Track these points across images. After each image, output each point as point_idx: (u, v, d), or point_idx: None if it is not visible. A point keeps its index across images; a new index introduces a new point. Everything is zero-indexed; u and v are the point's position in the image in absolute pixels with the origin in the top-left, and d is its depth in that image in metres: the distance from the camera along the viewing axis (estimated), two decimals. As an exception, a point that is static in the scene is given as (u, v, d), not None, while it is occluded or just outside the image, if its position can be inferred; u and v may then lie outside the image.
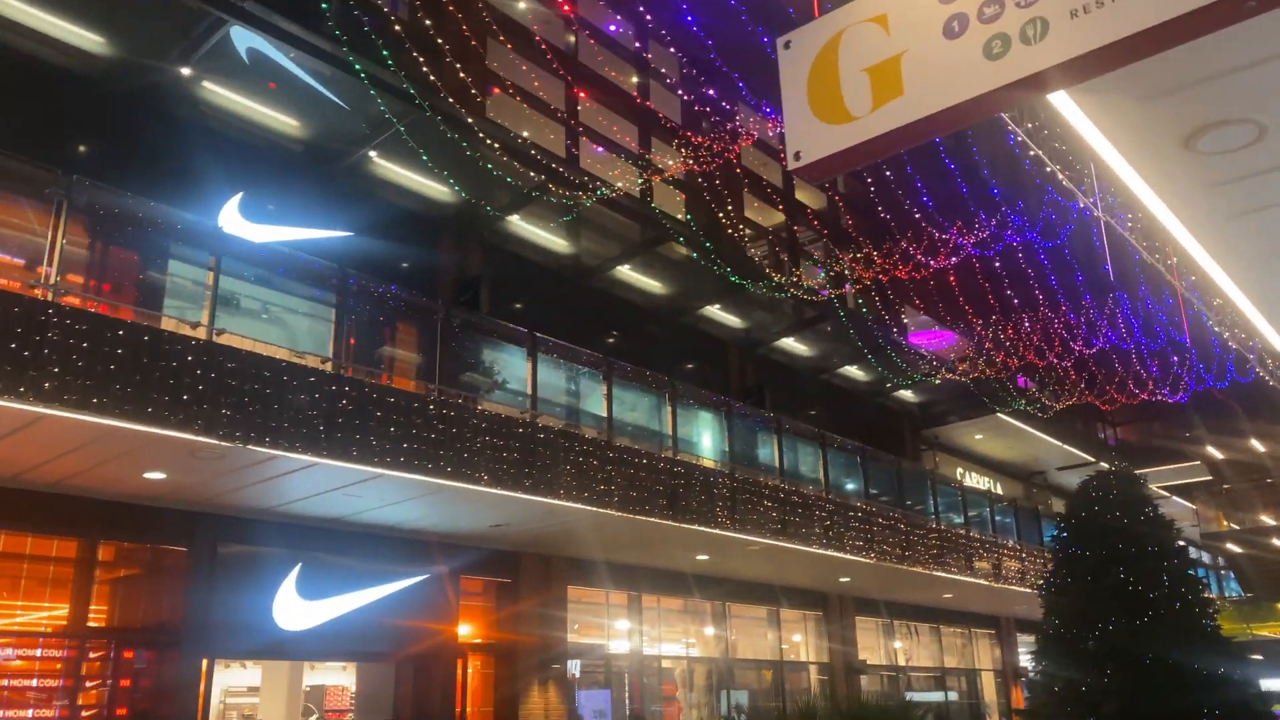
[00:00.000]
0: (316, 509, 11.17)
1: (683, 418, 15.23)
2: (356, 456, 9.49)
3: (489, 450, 10.65)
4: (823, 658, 19.79)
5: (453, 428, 10.35)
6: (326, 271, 10.57)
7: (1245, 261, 5.29)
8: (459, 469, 10.29)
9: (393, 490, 10.44)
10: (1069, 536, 15.36)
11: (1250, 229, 4.83)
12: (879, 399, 28.05)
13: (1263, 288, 5.78)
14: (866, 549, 16.31)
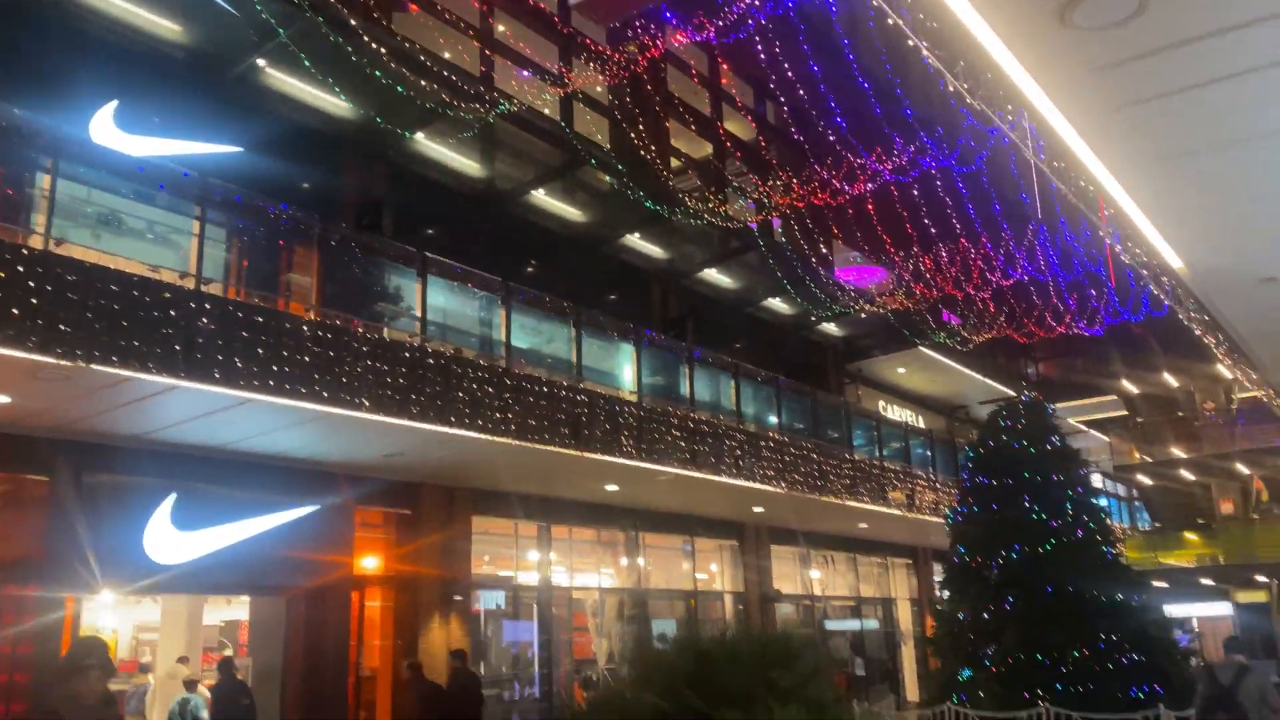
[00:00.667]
0: (192, 436, 10.54)
1: (600, 349, 14.81)
2: (221, 380, 8.88)
3: (372, 376, 10.10)
4: (738, 587, 19.79)
5: (330, 351, 9.77)
6: (189, 184, 9.79)
7: (1132, 162, 4.96)
8: (338, 395, 9.74)
9: (268, 417, 9.86)
10: (976, 466, 15.39)
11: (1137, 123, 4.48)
12: (803, 333, 27.90)
13: (1151, 193, 5.47)
14: (778, 479, 16.16)
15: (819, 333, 28.52)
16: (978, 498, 14.67)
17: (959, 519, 14.81)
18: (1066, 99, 4.31)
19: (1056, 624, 13.34)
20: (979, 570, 14.23)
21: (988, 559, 14.14)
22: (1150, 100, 4.29)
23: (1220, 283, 6.77)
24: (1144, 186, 5.34)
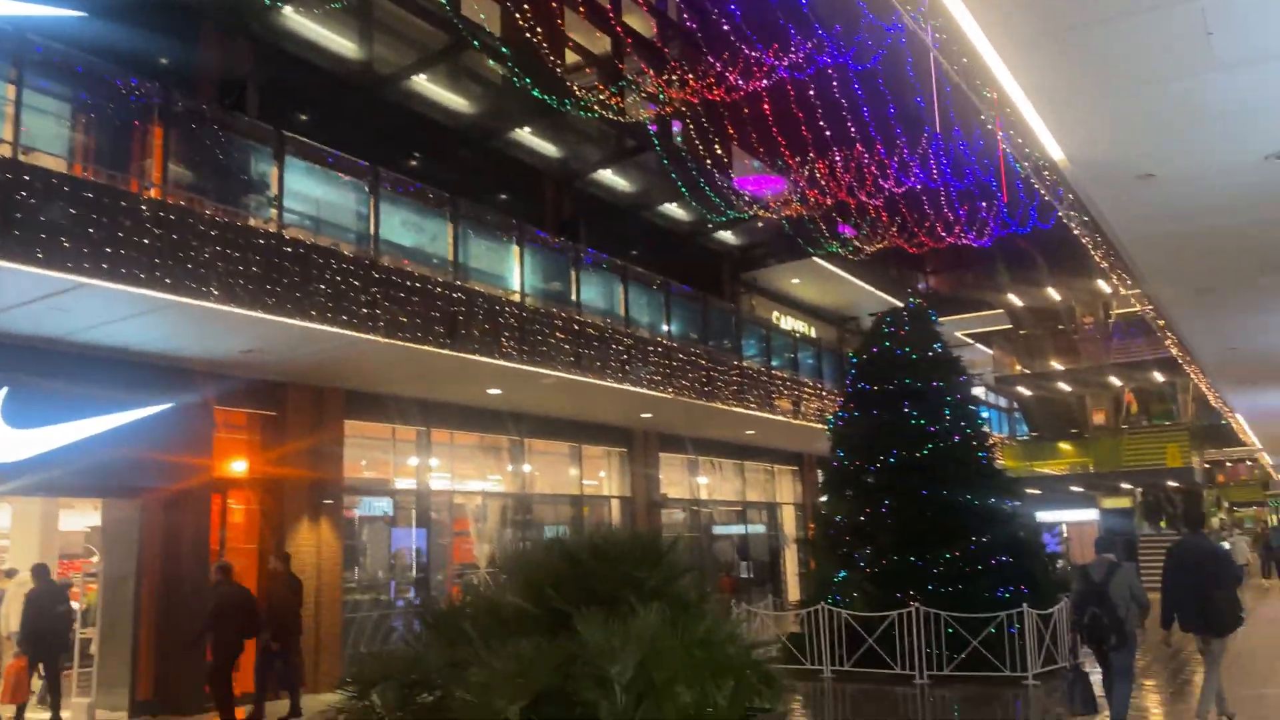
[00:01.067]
0: (22, 325, 9.65)
1: (489, 251, 14.16)
2: (45, 260, 8.04)
3: (222, 263, 9.33)
4: (625, 492, 19.75)
5: (174, 234, 8.96)
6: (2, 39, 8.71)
7: (1017, 37, 4.64)
8: (183, 282, 8.97)
9: (106, 304, 9.05)
10: (859, 373, 15.45)
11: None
12: (699, 240, 27.59)
13: (1035, 72, 5.19)
14: (665, 384, 15.96)
15: (715, 241, 28.26)
16: (859, 403, 14.74)
17: (840, 424, 14.89)
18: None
19: (930, 527, 13.62)
20: (857, 474, 14.38)
21: (867, 463, 14.29)
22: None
23: (1099, 177, 6.60)
24: (1028, 65, 5.06)
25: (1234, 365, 14.82)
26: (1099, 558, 9.10)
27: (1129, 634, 8.67)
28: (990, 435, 15.07)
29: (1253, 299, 10.40)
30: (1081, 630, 8.82)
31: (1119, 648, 8.65)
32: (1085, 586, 8.90)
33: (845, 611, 13.16)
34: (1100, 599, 8.66)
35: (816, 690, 12.34)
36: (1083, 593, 8.89)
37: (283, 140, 10.69)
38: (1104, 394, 30.50)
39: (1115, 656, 8.73)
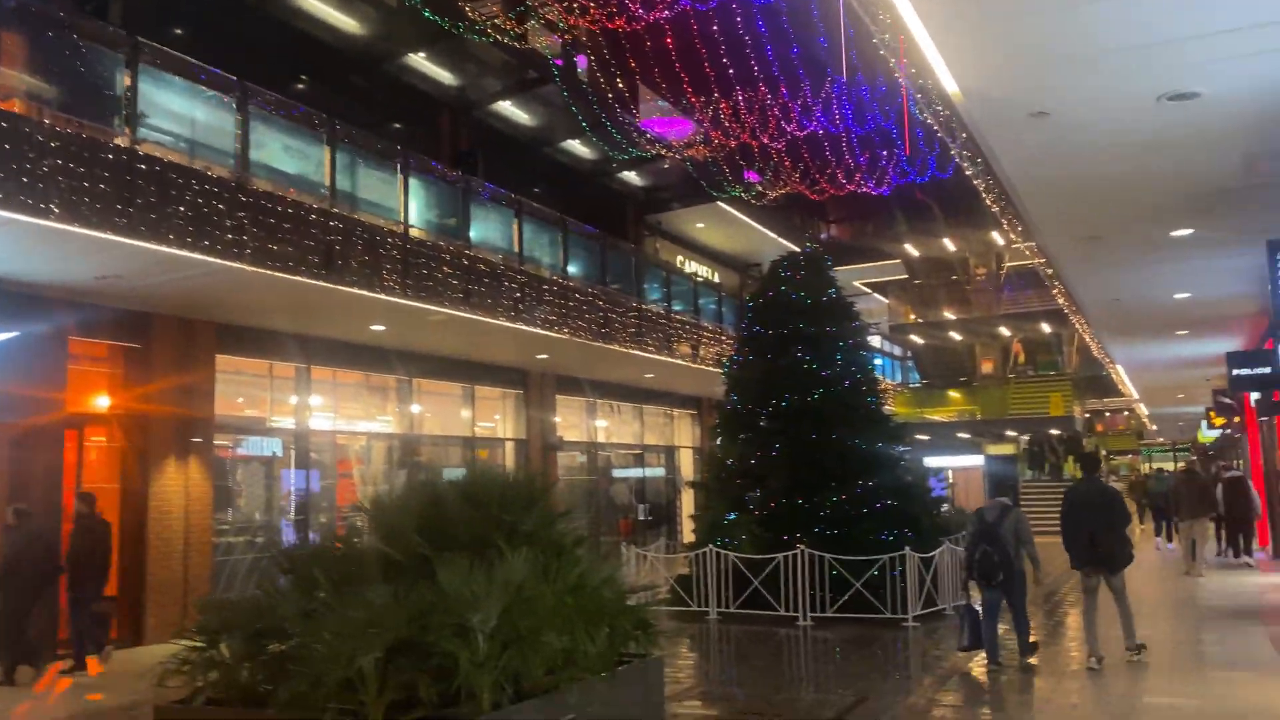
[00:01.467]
0: None
1: (381, 182, 13.41)
2: None
3: (65, 178, 8.52)
4: (520, 435, 19.40)
5: (6, 143, 8.11)
6: None
7: (941, 12, 4.35)
8: (17, 197, 8.15)
9: (-71, 220, 8.18)
10: (754, 316, 15.32)
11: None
12: (603, 180, 27.10)
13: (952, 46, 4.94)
14: (561, 324, 15.57)
15: (620, 182, 27.79)
16: (754, 347, 14.64)
17: (735, 368, 14.77)
18: None
19: (819, 471, 13.66)
20: (750, 418, 14.32)
21: (759, 407, 14.22)
22: None
23: (991, 113, 6.42)
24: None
25: (1117, 316, 15.17)
26: (993, 500, 9.78)
27: (1017, 571, 9.36)
28: (880, 381, 15.17)
29: (1138, 250, 10.52)
30: (973, 567, 9.47)
31: (1007, 584, 9.32)
32: (979, 527, 9.54)
33: (732, 554, 13.15)
34: (992, 538, 9.33)
35: (701, 632, 12.33)
36: (976, 533, 9.54)
37: (137, 48, 9.80)
38: (993, 344, 31.33)
39: (1008, 594, 9.43)
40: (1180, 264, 11.49)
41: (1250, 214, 9.17)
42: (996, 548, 9.33)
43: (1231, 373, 14.96)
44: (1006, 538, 9.35)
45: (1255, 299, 13.72)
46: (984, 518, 9.62)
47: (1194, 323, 15.88)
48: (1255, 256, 11.00)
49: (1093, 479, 10.20)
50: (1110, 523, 9.44)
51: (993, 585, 9.45)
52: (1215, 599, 13.69)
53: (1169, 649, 10.02)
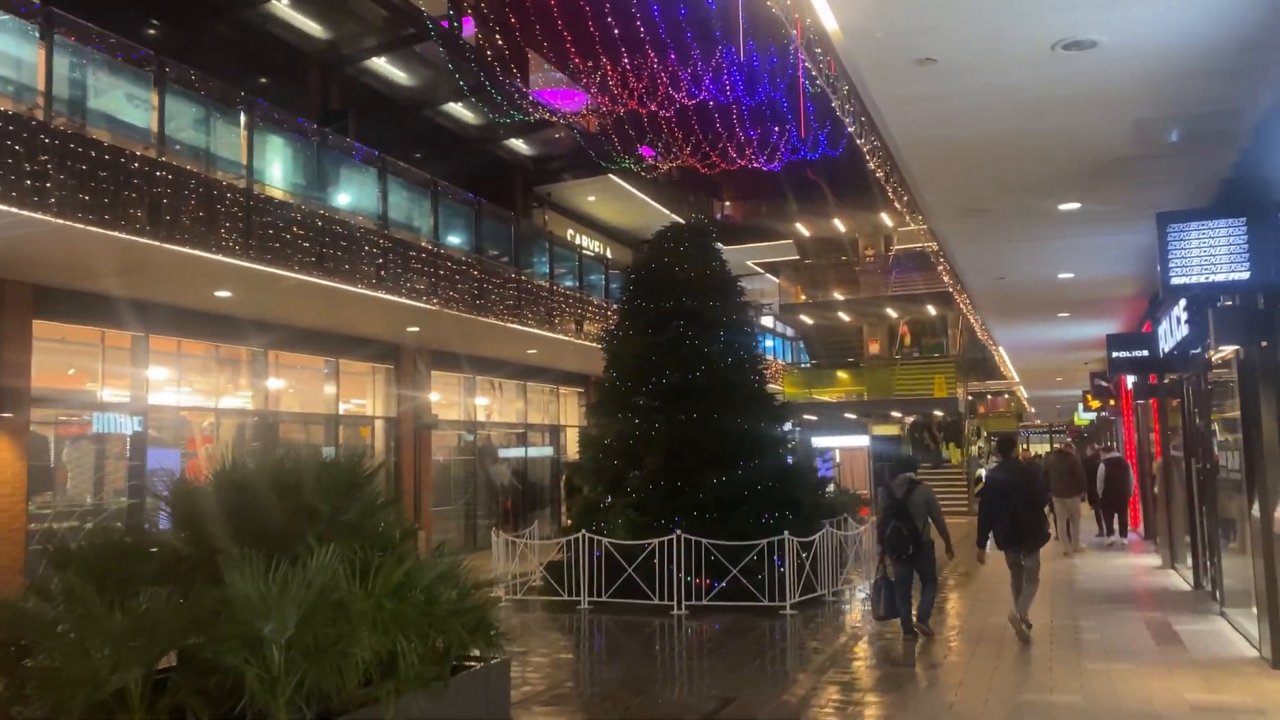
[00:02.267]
0: None
1: (210, 126, 12.11)
2: None
3: None
4: (390, 413, 18.29)
5: None
6: None
7: None
8: None
9: None
10: (636, 289, 14.59)
11: None
12: (490, 148, 25.99)
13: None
14: (430, 294, 14.54)
15: (507, 150, 26.72)
16: (634, 321, 13.91)
17: (614, 342, 14.02)
18: None
19: (698, 452, 13.07)
20: (629, 395, 13.60)
21: (638, 384, 13.52)
22: None
23: (875, 59, 5.79)
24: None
25: (1001, 296, 14.98)
26: (901, 477, 10.12)
27: (926, 543, 9.81)
28: (764, 359, 14.63)
29: (1024, 225, 10.16)
30: (885, 541, 9.91)
31: (917, 555, 9.76)
32: (889, 502, 9.95)
33: (605, 539, 12.45)
34: (901, 513, 9.75)
35: (570, 624, 11.59)
36: (886, 508, 9.98)
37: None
38: (880, 325, 31.45)
39: (919, 566, 9.83)
40: (1066, 241, 11.20)
41: (1139, 188, 8.84)
42: (905, 522, 9.70)
43: (1111, 355, 14.95)
44: (915, 512, 9.72)
45: (1137, 280, 13.65)
46: (893, 494, 9.91)
47: (1075, 305, 15.84)
48: (1141, 235, 10.77)
49: (1010, 460, 10.52)
50: (1030, 502, 9.83)
51: (903, 559, 9.79)
52: (1092, 581, 13.64)
53: (1048, 636, 9.75)
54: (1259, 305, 7.66)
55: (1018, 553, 9.78)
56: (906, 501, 9.74)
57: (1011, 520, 9.67)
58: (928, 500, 9.84)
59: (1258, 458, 7.93)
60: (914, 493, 9.81)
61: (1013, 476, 10.02)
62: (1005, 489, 9.83)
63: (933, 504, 9.90)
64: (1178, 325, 11.60)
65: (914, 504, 9.74)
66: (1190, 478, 12.86)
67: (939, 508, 10.04)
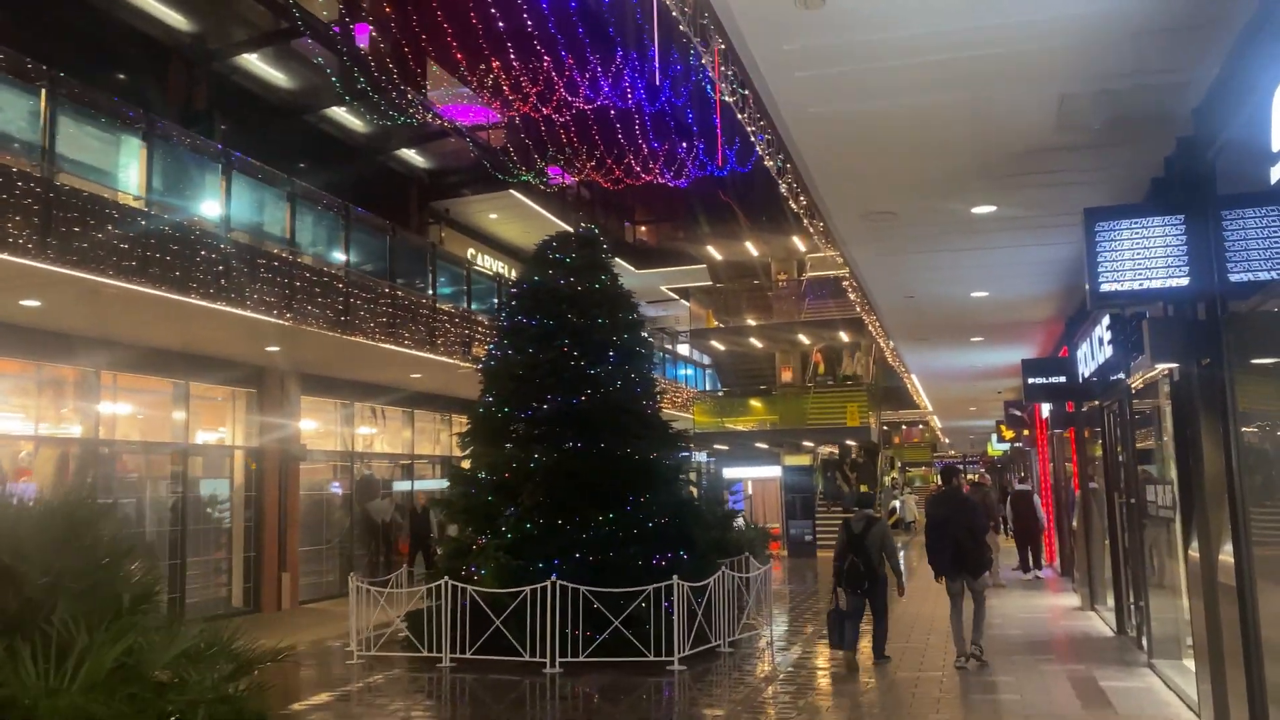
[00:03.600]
0: None
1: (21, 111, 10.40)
2: None
3: None
4: (251, 442, 16.48)
5: None
6: None
7: None
8: None
9: None
10: (516, 304, 13.19)
11: None
12: (381, 158, 24.42)
13: None
14: (283, 307, 12.92)
15: (400, 161, 25.18)
16: (514, 339, 12.50)
17: (492, 364, 12.58)
18: None
19: (582, 485, 11.68)
20: (506, 422, 12.17)
21: (517, 409, 12.10)
22: None
23: (758, 12, 4.54)
24: None
25: (911, 317, 14.01)
26: (859, 513, 10.61)
27: (881, 578, 10.18)
28: (658, 382, 13.35)
29: (933, 232, 9.10)
30: (841, 575, 10.19)
31: (871, 590, 10.13)
32: (846, 537, 10.25)
33: (470, 587, 10.94)
34: (858, 548, 10.08)
35: (424, 687, 10.03)
36: (843, 543, 10.27)
37: None
38: (793, 352, 30.59)
39: (871, 599, 10.20)
40: (980, 254, 10.20)
41: (1061, 187, 7.82)
42: (862, 557, 10.04)
43: (1026, 381, 14.06)
44: (871, 549, 10.08)
45: (1055, 300, 12.77)
46: (851, 529, 10.25)
47: (989, 328, 14.95)
48: (1062, 246, 9.82)
49: (952, 489, 10.89)
50: (971, 529, 10.20)
51: (858, 592, 10.12)
52: (1009, 625, 12.59)
53: (962, 696, 8.58)
54: (1198, 316, 6.63)
55: (961, 580, 10.12)
56: (864, 538, 10.07)
57: (954, 549, 10.08)
58: (884, 536, 10.22)
59: (1197, 492, 6.88)
60: (871, 530, 10.14)
61: (952, 507, 10.37)
62: (946, 518, 10.24)
63: (888, 541, 10.29)
64: (1099, 347, 10.67)
65: (871, 540, 10.07)
66: (1112, 513, 11.94)
67: (894, 545, 10.52)
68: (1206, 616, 6.92)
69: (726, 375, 33.38)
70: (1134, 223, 6.51)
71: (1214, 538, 6.69)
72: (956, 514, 10.20)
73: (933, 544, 10.38)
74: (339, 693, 9.69)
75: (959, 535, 10.04)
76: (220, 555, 16.20)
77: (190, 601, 15.02)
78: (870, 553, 10.04)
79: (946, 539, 10.12)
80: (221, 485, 16.36)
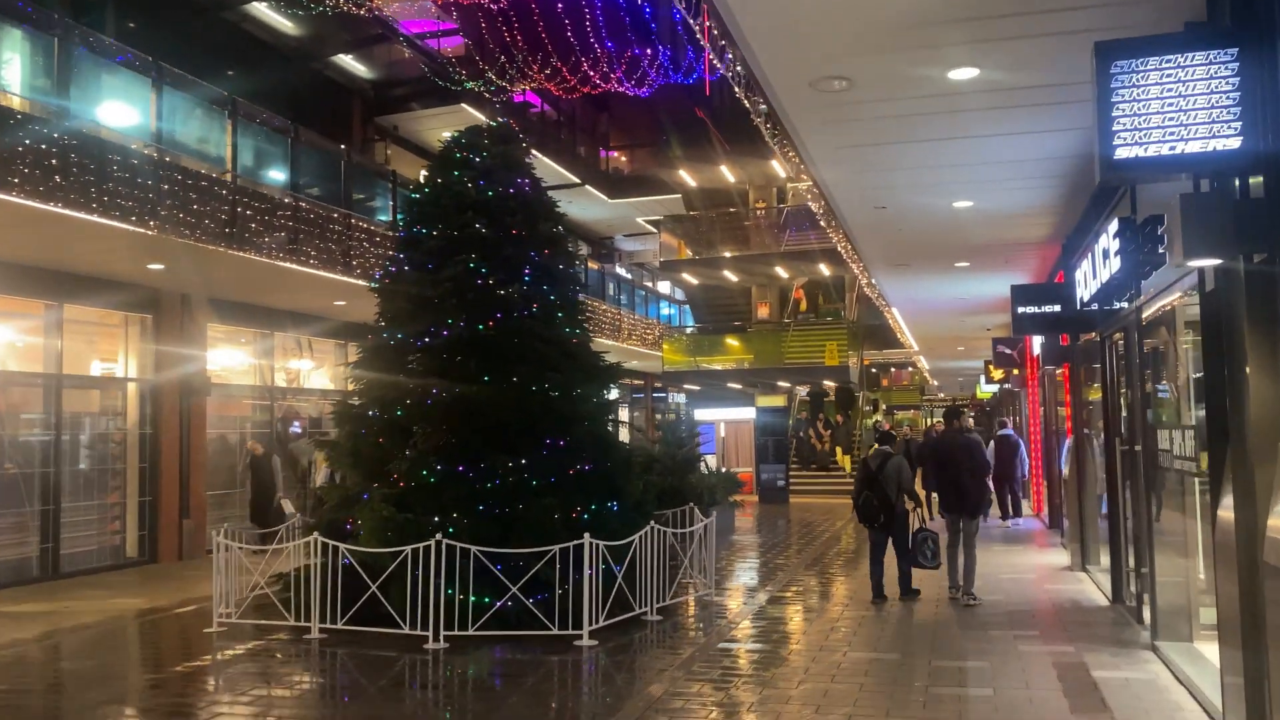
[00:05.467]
0: None
1: None
2: None
3: None
4: (145, 374, 14.66)
5: None
6: None
7: None
8: None
9: None
10: (416, 213, 11.28)
11: None
12: (316, 65, 22.23)
13: None
14: (142, 214, 10.98)
15: (340, 70, 22.99)
16: (410, 254, 10.60)
17: (388, 281, 10.68)
18: None
19: (488, 426, 9.89)
20: (401, 351, 10.33)
21: (413, 337, 10.25)
22: None
23: None
24: None
25: (887, 236, 12.16)
26: (877, 449, 10.69)
27: (899, 513, 10.27)
28: (585, 305, 11.47)
29: (898, 110, 7.19)
30: (858, 510, 10.41)
31: (887, 525, 10.28)
32: (863, 474, 10.44)
33: (345, 546, 9.20)
34: (874, 484, 10.24)
35: (286, 660, 8.33)
36: (861, 479, 10.48)
37: None
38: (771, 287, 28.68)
39: (891, 535, 10.34)
40: (962, 145, 8.31)
41: (1061, 38, 5.90)
42: (876, 492, 10.21)
43: (1016, 311, 12.23)
44: (888, 483, 10.22)
45: (1051, 214, 10.89)
46: (868, 465, 10.46)
47: (976, 250, 13.08)
48: (1060, 136, 7.93)
49: (953, 429, 11.14)
50: (973, 469, 10.43)
51: (875, 527, 10.35)
52: (991, 589, 10.91)
53: (924, 684, 6.90)
54: (1249, 193, 4.77)
55: (959, 518, 10.39)
56: (880, 473, 10.22)
57: (954, 487, 10.41)
58: (899, 470, 10.30)
59: (1235, 438, 5.10)
60: (886, 464, 10.26)
61: (957, 444, 10.60)
62: (949, 456, 10.58)
63: (904, 474, 10.36)
64: (1102, 263, 8.83)
65: (886, 475, 10.21)
66: (1111, 462, 10.20)
67: (910, 477, 10.60)
68: (1241, 592, 5.18)
69: (700, 311, 31.51)
70: (1166, 61, 4.64)
71: (1259, 496, 4.92)
72: (959, 453, 10.47)
73: (938, 482, 10.84)
74: (161, 675, 8.00)
75: (959, 474, 10.34)
76: (114, 500, 14.48)
77: (69, 552, 13.34)
78: (887, 487, 10.15)
79: (947, 478, 10.50)
80: (110, 422, 14.57)
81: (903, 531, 10.36)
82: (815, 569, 13.39)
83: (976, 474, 10.45)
